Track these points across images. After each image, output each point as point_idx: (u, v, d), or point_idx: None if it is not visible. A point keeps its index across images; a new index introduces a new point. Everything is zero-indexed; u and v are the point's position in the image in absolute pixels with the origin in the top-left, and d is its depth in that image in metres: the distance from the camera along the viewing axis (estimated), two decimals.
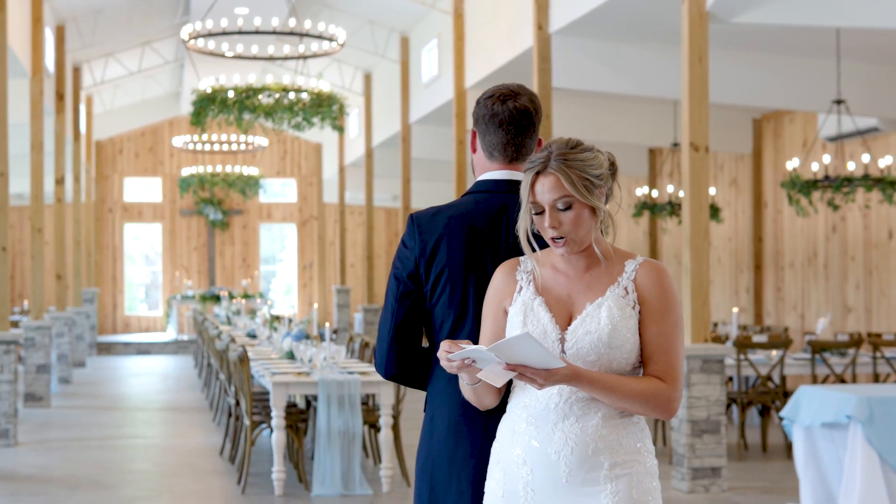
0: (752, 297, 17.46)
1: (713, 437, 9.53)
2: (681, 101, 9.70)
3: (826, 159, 11.90)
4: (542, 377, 3.00)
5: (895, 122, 13.68)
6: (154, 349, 26.72)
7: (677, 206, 15.72)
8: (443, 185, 21.90)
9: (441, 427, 3.44)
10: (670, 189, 16.25)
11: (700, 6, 9.53)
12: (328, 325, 10.59)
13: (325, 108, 14.69)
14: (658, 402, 3.14)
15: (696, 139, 9.56)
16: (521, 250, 3.33)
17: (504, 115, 3.49)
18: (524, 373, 2.99)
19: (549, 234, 3.16)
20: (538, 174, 3.15)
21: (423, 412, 3.56)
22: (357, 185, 26.47)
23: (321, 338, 11.35)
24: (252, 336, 14.93)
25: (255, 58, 14.89)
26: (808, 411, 8.27)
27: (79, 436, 12.95)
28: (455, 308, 3.44)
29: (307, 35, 13.88)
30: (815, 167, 12.09)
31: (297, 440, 9.63)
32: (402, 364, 3.51)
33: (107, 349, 26.46)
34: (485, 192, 3.52)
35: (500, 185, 3.51)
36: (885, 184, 11.48)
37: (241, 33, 13.53)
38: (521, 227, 3.20)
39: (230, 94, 14.12)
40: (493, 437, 3.32)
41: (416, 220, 3.52)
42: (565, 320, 3.18)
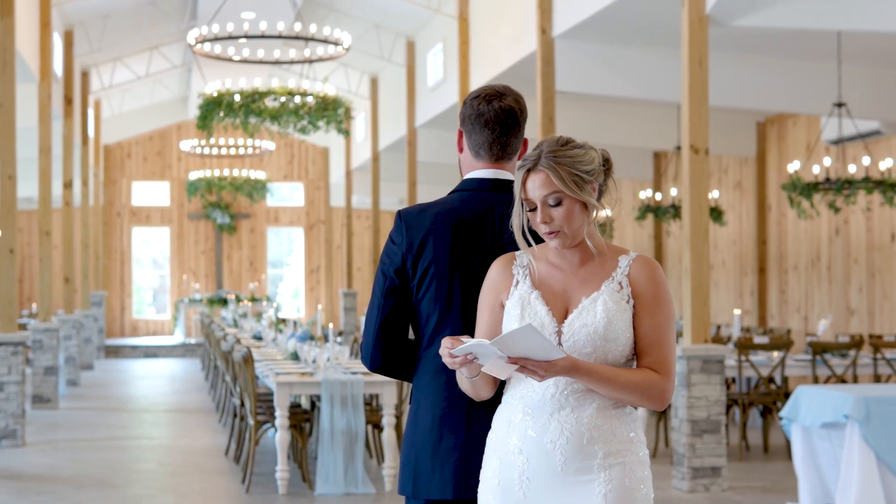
0: (756, 299, 17.53)
1: (713, 437, 9.61)
2: (681, 104, 9.78)
3: (827, 162, 11.95)
4: (543, 369, 3.09)
5: None
6: (161, 352, 26.83)
7: (681, 208, 15.77)
8: (448, 189, 21.92)
9: (426, 418, 3.53)
10: (674, 192, 16.33)
11: (700, 10, 9.62)
12: (332, 325, 10.69)
13: (330, 111, 14.80)
14: (652, 392, 3.24)
15: (697, 142, 9.65)
16: (505, 247, 3.42)
17: (490, 114, 3.58)
18: (526, 365, 3.09)
19: (542, 229, 3.25)
20: (529, 171, 3.25)
21: (408, 404, 3.65)
22: (364, 188, 26.59)
23: (325, 339, 11.44)
24: (258, 338, 15.03)
25: (261, 62, 15.00)
26: (807, 411, 8.35)
27: (86, 436, 13.05)
28: (441, 303, 3.52)
29: (313, 39, 13.99)
30: (816, 170, 12.16)
31: (300, 440, 9.73)
32: (388, 357, 3.60)
33: (115, 352, 26.58)
34: (471, 189, 3.60)
35: (486, 183, 3.60)
36: (885, 186, 11.55)
37: (247, 37, 13.65)
38: (516, 224, 3.29)
39: (236, 98, 14.23)
40: (477, 428, 3.42)
41: (403, 216, 3.60)
42: (562, 314, 3.27)
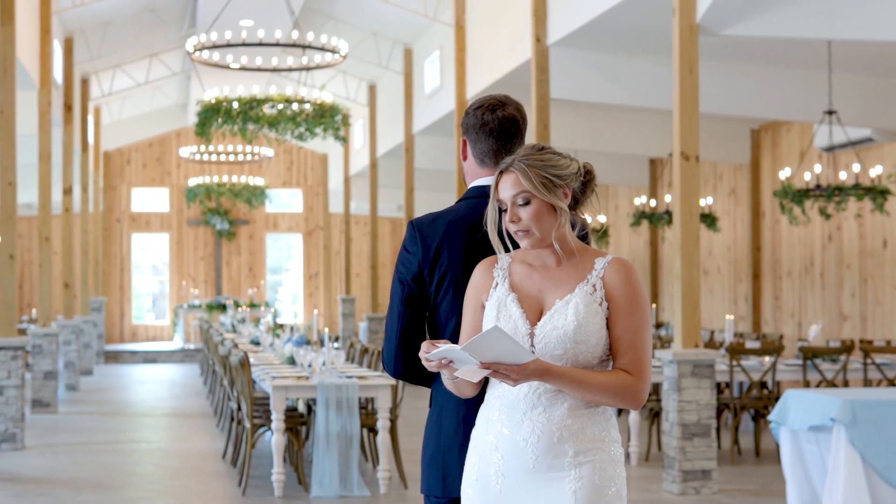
0: (750, 305, 17.65)
1: (704, 441, 9.73)
2: (672, 111, 9.91)
3: (818, 169, 12.08)
4: (515, 373, 3.21)
5: (889, 132, 13.89)
6: (161, 358, 26.95)
7: None
8: (445, 195, 22.15)
9: (450, 421, 3.64)
10: (669, 199, 16.46)
11: (690, 19, 9.76)
12: (327, 330, 10.82)
13: (327, 118, 14.93)
14: (625, 394, 3.33)
15: (687, 149, 9.78)
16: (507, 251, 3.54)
17: (494, 123, 3.71)
18: (498, 370, 3.21)
19: (511, 228, 3.37)
20: (502, 173, 3.37)
21: (429, 408, 3.75)
22: (362, 195, 26.72)
23: (321, 343, 11.57)
24: (256, 343, 15.16)
25: (259, 69, 15.13)
26: (795, 415, 8.47)
27: (85, 440, 13.17)
28: (459, 307, 3.64)
29: (310, 47, 14.13)
30: (807, 177, 12.29)
31: (296, 443, 9.85)
32: (410, 363, 3.70)
33: (114, 357, 26.70)
34: (479, 197, 3.72)
35: None
36: (875, 193, 11.68)
37: (244, 45, 13.78)
38: (490, 222, 3.41)
39: (234, 105, 14.36)
40: None
41: (416, 226, 3.73)
42: (536, 316, 3.37)
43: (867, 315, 14.84)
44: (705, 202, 16.31)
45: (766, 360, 11.78)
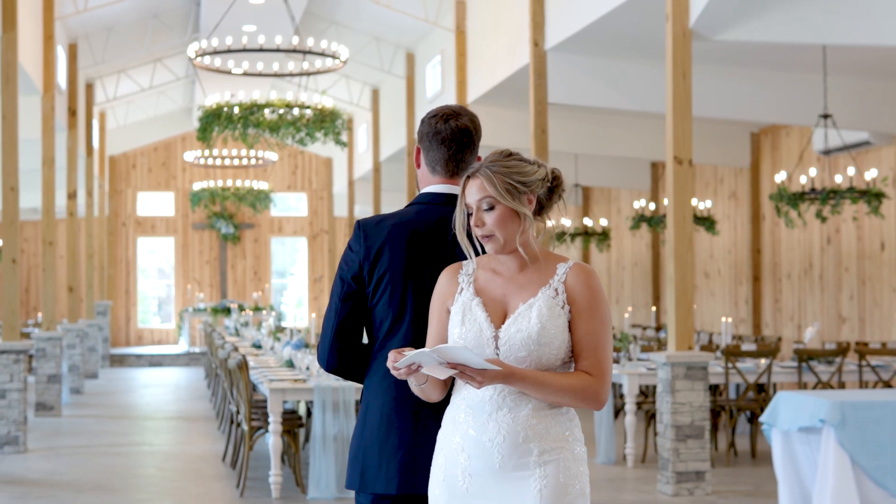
0: (750, 307, 17.72)
1: (697, 442, 9.81)
2: (665, 116, 9.99)
3: (813, 172, 12.16)
4: (480, 376, 3.31)
5: (886, 135, 13.95)
6: (166, 361, 27.08)
7: None
8: None
9: (374, 417, 3.74)
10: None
11: (683, 24, 9.84)
12: None
13: (328, 123, 15.04)
14: (586, 395, 3.44)
15: (680, 153, 9.86)
16: (456, 258, 3.65)
17: (446, 132, 3.80)
18: (464, 371, 3.30)
19: (476, 232, 3.47)
20: (469, 178, 3.47)
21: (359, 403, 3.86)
22: (366, 198, 26.82)
23: None
24: (257, 346, 15.25)
25: (260, 74, 15.24)
26: (786, 416, 8.54)
27: (87, 443, 13.29)
28: (394, 308, 3.74)
29: (310, 52, 14.23)
30: (803, 180, 12.37)
31: (293, 445, 9.94)
32: (343, 359, 3.81)
33: (119, 361, 26.83)
34: (427, 203, 3.82)
35: (441, 197, 3.82)
36: (870, 196, 11.75)
37: (245, 51, 13.89)
38: (458, 225, 3.51)
39: (235, 110, 14.47)
40: (422, 428, 3.65)
41: (362, 226, 3.83)
42: (500, 319, 3.47)
43: (865, 317, 14.90)
44: (704, 205, 16.38)
45: (762, 362, 11.85)
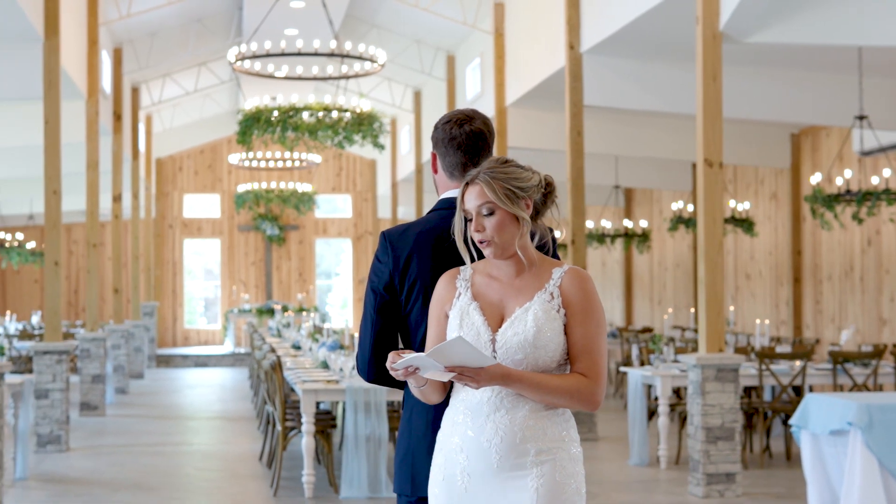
0: (791, 309, 17.64)
1: (728, 444, 9.82)
2: (696, 118, 10.01)
3: (848, 174, 12.11)
4: (477, 377, 3.38)
5: None
6: (211, 362, 27.35)
7: None
8: None
9: (419, 423, 3.81)
10: None
11: (713, 27, 9.86)
12: (356, 334, 11.03)
13: (366, 126, 15.17)
14: (581, 396, 3.51)
15: (711, 155, 9.88)
16: (473, 260, 3.71)
17: (461, 137, 3.87)
18: (463, 372, 3.39)
19: (476, 237, 3.54)
20: (468, 184, 3.55)
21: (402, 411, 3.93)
22: (409, 200, 26.95)
23: (354, 347, 11.78)
24: (297, 347, 15.40)
25: (299, 78, 15.40)
26: (816, 419, 8.55)
27: (128, 442, 13.49)
28: (427, 314, 3.80)
29: (348, 56, 14.37)
30: (839, 182, 12.32)
31: (326, 445, 10.06)
32: (383, 369, 3.86)
33: (166, 361, 27.13)
34: (447, 208, 3.88)
35: None
36: None
37: (283, 55, 14.04)
38: (457, 231, 3.59)
39: (274, 114, 14.64)
40: None
41: (387, 237, 3.89)
42: (497, 322, 3.55)
43: None
44: (742, 207, 16.34)
45: (797, 364, 11.83)
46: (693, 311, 17.96)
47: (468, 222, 3.57)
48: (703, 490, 9.76)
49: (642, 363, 12.70)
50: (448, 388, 3.66)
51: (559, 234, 3.79)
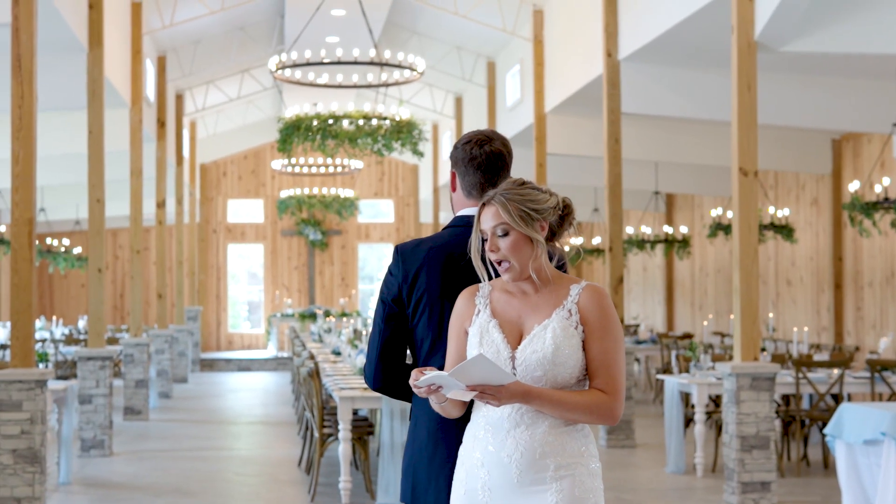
0: (832, 315, 17.57)
1: (762, 453, 9.83)
2: (731, 127, 10.03)
3: (887, 181, 12.08)
4: (498, 395, 3.46)
5: None
6: (255, 366, 27.55)
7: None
8: None
9: (422, 433, 3.90)
10: None
11: (748, 36, 9.88)
12: None
13: (404, 133, 15.28)
14: (601, 412, 3.58)
15: (746, 164, 9.89)
16: (490, 278, 3.78)
17: (481, 157, 3.96)
18: (484, 391, 3.47)
19: (491, 257, 3.62)
20: (484, 205, 3.63)
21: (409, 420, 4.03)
22: (450, 205, 27.02)
23: None
24: (337, 353, 15.50)
25: (339, 86, 15.54)
26: (850, 428, 8.55)
27: (170, 447, 13.67)
28: (433, 329, 3.90)
29: (387, 64, 14.49)
30: (877, 189, 12.29)
31: (363, 451, 10.17)
32: (388, 378, 3.97)
33: (209, 366, 27.37)
34: (462, 226, 3.97)
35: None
36: None
37: (322, 64, 14.19)
38: (474, 249, 3.67)
39: (314, 122, 14.78)
40: None
41: (400, 251, 3.99)
42: (516, 340, 3.62)
43: None
44: (782, 213, 16.30)
45: (835, 372, 11.80)
46: (732, 317, 17.91)
47: (485, 242, 3.66)
48: (738, 499, 9.78)
49: (680, 370, 12.71)
50: (468, 404, 3.75)
51: (568, 247, 3.86)
